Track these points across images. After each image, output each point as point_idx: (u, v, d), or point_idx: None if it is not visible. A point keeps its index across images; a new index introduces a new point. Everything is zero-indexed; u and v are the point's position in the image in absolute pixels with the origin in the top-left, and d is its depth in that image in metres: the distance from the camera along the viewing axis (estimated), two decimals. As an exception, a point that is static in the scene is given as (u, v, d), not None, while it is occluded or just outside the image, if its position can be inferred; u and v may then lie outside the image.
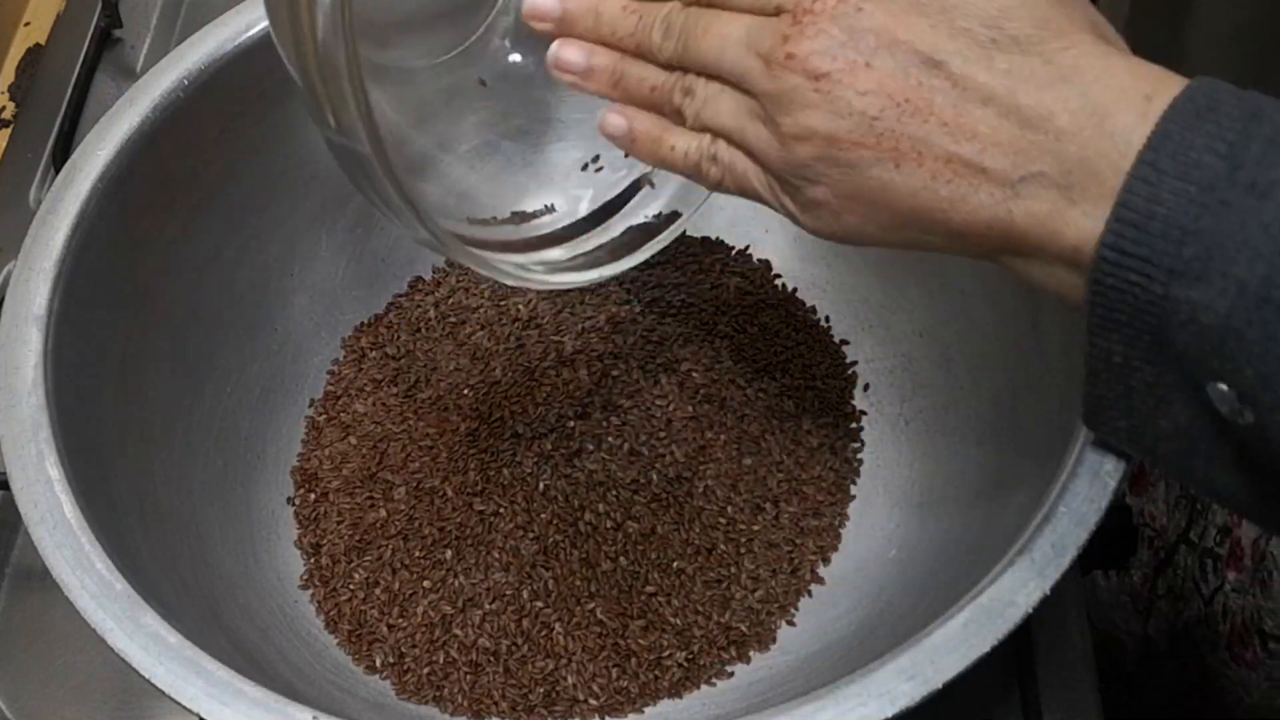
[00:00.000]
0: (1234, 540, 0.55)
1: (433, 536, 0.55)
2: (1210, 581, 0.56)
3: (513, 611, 0.53)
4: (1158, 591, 0.63)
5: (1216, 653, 0.56)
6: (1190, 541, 0.59)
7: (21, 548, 0.59)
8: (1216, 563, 0.56)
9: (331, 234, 0.62)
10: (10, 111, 0.75)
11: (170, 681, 0.39)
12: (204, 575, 0.51)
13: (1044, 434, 0.47)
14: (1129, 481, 0.66)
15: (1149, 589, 0.64)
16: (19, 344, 0.47)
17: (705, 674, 0.52)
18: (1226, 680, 0.56)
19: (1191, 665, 0.59)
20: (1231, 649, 0.55)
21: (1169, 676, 0.61)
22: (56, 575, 0.41)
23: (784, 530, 0.55)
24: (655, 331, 0.60)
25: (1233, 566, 0.55)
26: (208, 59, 0.55)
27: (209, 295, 0.57)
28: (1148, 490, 0.64)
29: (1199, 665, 0.58)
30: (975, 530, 0.49)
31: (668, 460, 0.56)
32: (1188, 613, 0.59)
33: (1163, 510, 0.63)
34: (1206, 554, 0.57)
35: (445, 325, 0.62)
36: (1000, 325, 0.53)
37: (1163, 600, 0.62)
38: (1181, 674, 0.60)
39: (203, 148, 0.56)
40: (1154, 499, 0.63)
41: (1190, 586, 0.59)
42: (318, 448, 0.59)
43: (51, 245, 0.49)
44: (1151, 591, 0.63)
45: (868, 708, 0.37)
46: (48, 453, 0.44)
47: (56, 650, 0.56)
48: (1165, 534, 0.62)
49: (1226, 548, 0.55)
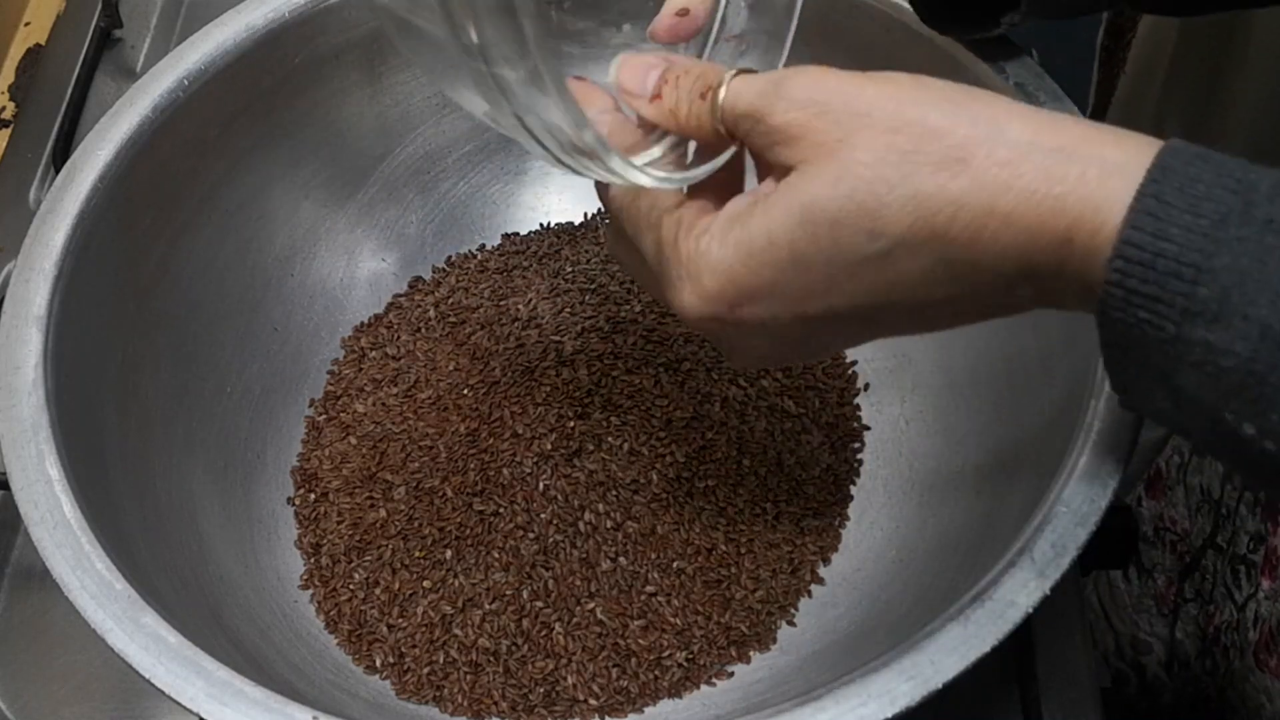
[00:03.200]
0: (1269, 548, 0.55)
1: (433, 536, 0.55)
2: (1244, 588, 0.56)
3: (513, 611, 0.53)
4: (1185, 595, 0.62)
5: (1244, 659, 0.56)
6: (1218, 546, 0.59)
7: (21, 548, 0.59)
8: (1250, 570, 0.56)
9: (331, 234, 0.62)
10: (10, 111, 0.75)
11: (170, 681, 0.39)
12: (204, 575, 0.51)
13: (1044, 434, 0.47)
14: (1145, 486, 0.66)
15: (1175, 593, 0.63)
16: (19, 344, 0.47)
17: (705, 674, 0.52)
18: (1250, 687, 0.56)
19: (1219, 671, 0.59)
20: (1258, 655, 0.55)
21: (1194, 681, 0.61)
22: (56, 575, 0.41)
23: (784, 530, 0.55)
24: (655, 331, 0.60)
25: (1267, 574, 0.55)
26: (208, 59, 0.55)
27: (209, 295, 0.57)
28: (1165, 494, 0.64)
29: (1226, 671, 0.58)
30: (975, 530, 0.49)
31: (668, 460, 0.56)
32: (1219, 618, 0.59)
33: (1184, 514, 0.62)
34: (1238, 560, 0.57)
35: (445, 325, 0.62)
36: (1000, 325, 0.53)
37: (1191, 604, 0.62)
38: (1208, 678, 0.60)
39: (203, 148, 0.56)
40: (1173, 503, 0.63)
41: (1222, 592, 0.58)
42: (318, 448, 0.59)
43: (51, 245, 0.49)
44: (1178, 595, 0.63)
45: (868, 708, 0.37)
46: (48, 453, 0.44)
47: (56, 650, 0.56)
48: (1189, 538, 0.62)
49: (1261, 555, 0.55)
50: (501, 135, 0.64)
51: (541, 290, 0.62)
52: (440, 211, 0.64)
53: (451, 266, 0.64)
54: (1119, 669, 0.70)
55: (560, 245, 0.64)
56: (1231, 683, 0.58)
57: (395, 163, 0.63)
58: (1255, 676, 0.55)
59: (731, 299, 0.37)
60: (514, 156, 0.65)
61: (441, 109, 0.63)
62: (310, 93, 0.59)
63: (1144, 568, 0.67)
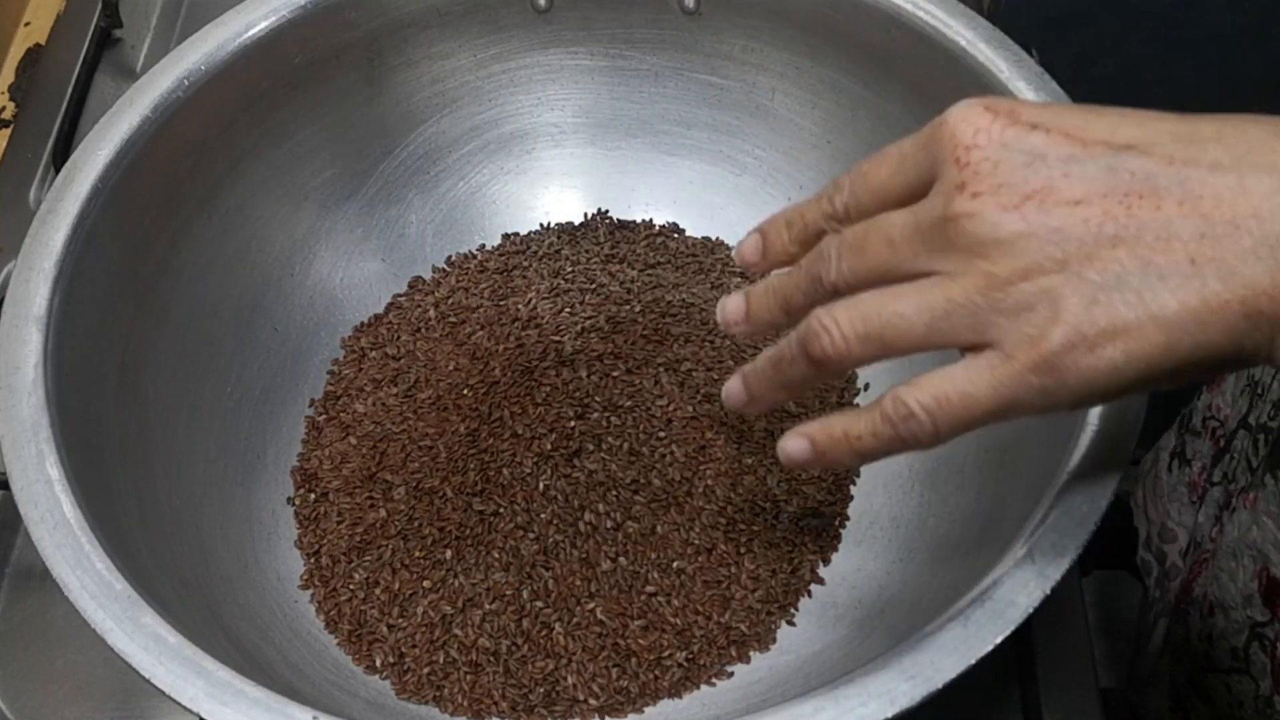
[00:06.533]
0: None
1: (433, 536, 0.55)
2: (1260, 453, 0.56)
3: (513, 611, 0.53)
4: (1213, 479, 0.63)
5: None
6: (1248, 425, 0.59)
7: (21, 548, 0.59)
8: (1268, 437, 0.56)
9: (331, 234, 0.62)
10: (10, 111, 0.75)
11: (170, 681, 0.39)
12: (204, 575, 0.51)
13: (1044, 434, 0.47)
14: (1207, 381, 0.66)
15: (1205, 478, 0.64)
16: (19, 344, 0.47)
17: (705, 674, 0.52)
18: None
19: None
20: None
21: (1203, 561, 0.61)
22: (56, 575, 0.41)
23: (784, 530, 0.55)
24: (655, 331, 0.60)
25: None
26: (208, 59, 0.55)
27: (209, 295, 0.57)
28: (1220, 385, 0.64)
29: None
30: (975, 530, 0.49)
31: (668, 460, 0.56)
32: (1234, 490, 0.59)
33: (1228, 400, 0.63)
34: (1260, 429, 0.57)
35: (445, 325, 0.62)
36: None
37: (1216, 487, 0.62)
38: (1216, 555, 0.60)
39: (203, 148, 0.56)
40: (1224, 390, 0.63)
41: (1243, 466, 0.58)
42: (318, 448, 0.59)
43: (51, 245, 0.49)
44: (1207, 480, 0.63)
45: (868, 708, 0.37)
46: (48, 453, 0.44)
47: (56, 650, 0.56)
48: (1228, 423, 0.62)
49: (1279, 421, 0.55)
50: (501, 135, 0.65)
51: (541, 290, 0.62)
52: (440, 211, 0.64)
53: (451, 266, 0.64)
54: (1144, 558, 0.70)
55: (560, 245, 0.64)
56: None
57: (395, 163, 0.63)
58: None
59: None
60: (514, 156, 0.65)
61: (441, 109, 0.63)
62: (310, 93, 0.59)
63: (1185, 458, 0.67)
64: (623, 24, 0.62)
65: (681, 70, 0.63)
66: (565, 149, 0.65)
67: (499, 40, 0.62)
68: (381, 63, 0.61)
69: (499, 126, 0.64)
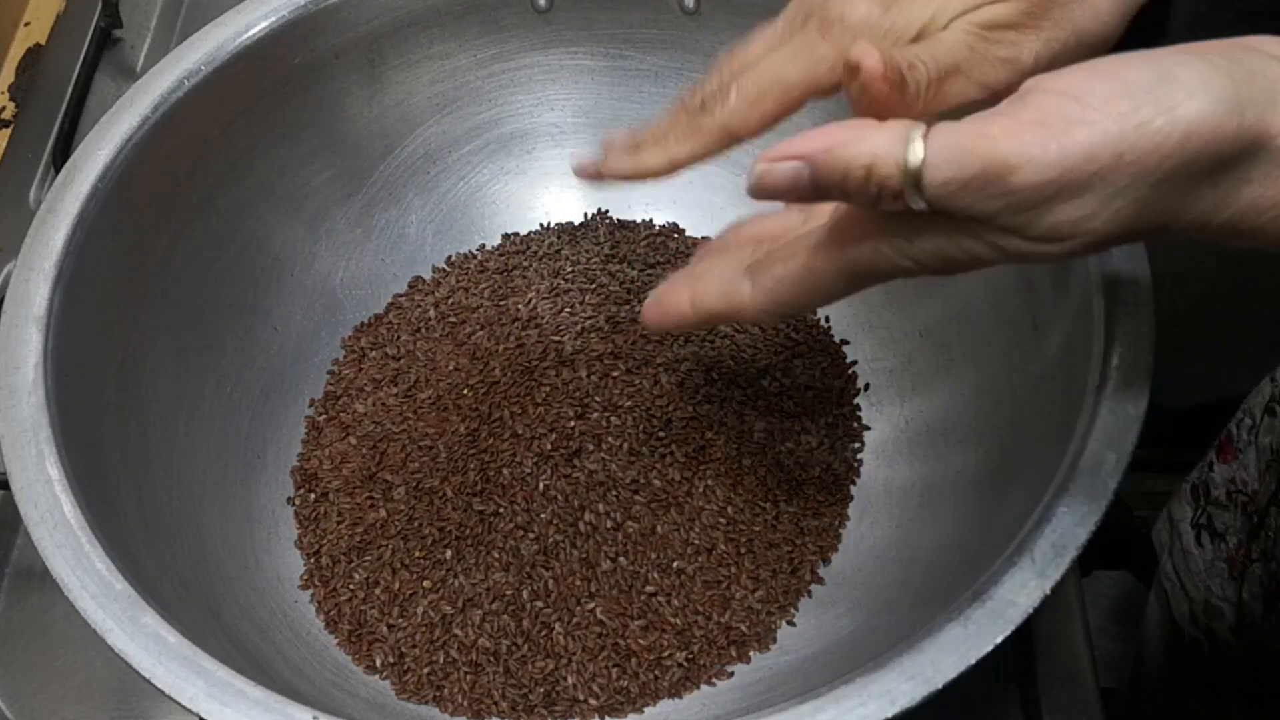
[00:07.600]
0: None
1: (433, 536, 0.55)
2: None
3: (513, 611, 0.53)
4: (1252, 556, 0.63)
5: None
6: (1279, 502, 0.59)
7: (21, 548, 0.59)
8: None
9: (331, 234, 0.62)
10: (10, 111, 0.75)
11: (170, 681, 0.39)
12: (204, 575, 0.51)
13: (1044, 434, 0.47)
14: (1215, 451, 0.66)
15: (1244, 554, 0.64)
16: (19, 344, 0.47)
17: (705, 674, 0.52)
18: None
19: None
20: None
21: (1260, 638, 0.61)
22: (56, 575, 0.41)
23: (784, 530, 0.55)
24: (655, 331, 0.60)
25: None
26: (208, 59, 0.55)
27: (209, 296, 0.57)
28: (1237, 457, 0.64)
29: None
30: (975, 530, 0.49)
31: (668, 460, 0.56)
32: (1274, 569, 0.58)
33: (1254, 475, 0.62)
34: None
35: (445, 325, 0.62)
36: (1000, 325, 0.53)
37: (1257, 564, 0.62)
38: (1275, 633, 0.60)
39: (203, 148, 0.56)
40: (1245, 464, 0.63)
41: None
42: (318, 448, 0.59)
43: (51, 245, 0.49)
44: (1246, 556, 0.63)
45: (868, 708, 0.37)
46: (48, 453, 0.44)
47: (56, 650, 0.56)
48: (1258, 499, 0.62)
49: None
50: (501, 135, 0.65)
51: (541, 290, 0.62)
52: (440, 211, 0.64)
53: (451, 266, 0.64)
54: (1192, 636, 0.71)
55: (560, 245, 0.64)
56: None
57: (395, 163, 0.63)
58: None
59: None
60: (514, 156, 0.65)
61: (441, 109, 0.63)
62: (310, 93, 0.59)
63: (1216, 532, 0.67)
64: (623, 24, 0.62)
65: (681, 70, 0.63)
66: (565, 149, 0.65)
67: (499, 40, 0.62)
68: (381, 63, 0.61)
69: (499, 126, 0.65)
